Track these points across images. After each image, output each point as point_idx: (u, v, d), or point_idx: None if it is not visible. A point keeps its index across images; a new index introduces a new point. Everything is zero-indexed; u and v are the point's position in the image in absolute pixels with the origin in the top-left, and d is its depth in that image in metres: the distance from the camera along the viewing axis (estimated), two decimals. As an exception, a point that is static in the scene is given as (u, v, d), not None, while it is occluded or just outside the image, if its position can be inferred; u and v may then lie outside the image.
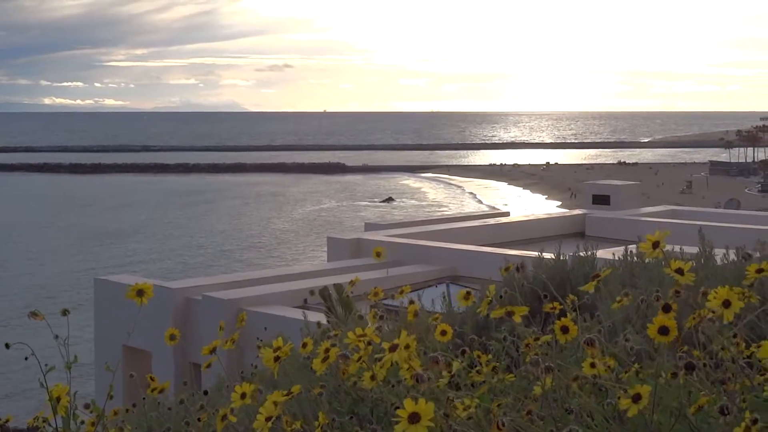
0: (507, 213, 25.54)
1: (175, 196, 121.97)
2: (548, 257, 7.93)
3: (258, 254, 75.97)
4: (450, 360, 3.25)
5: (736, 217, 21.56)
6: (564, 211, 27.94)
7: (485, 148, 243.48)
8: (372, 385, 3.16)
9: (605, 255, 8.64)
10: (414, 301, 5.56)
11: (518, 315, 3.45)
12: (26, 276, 65.99)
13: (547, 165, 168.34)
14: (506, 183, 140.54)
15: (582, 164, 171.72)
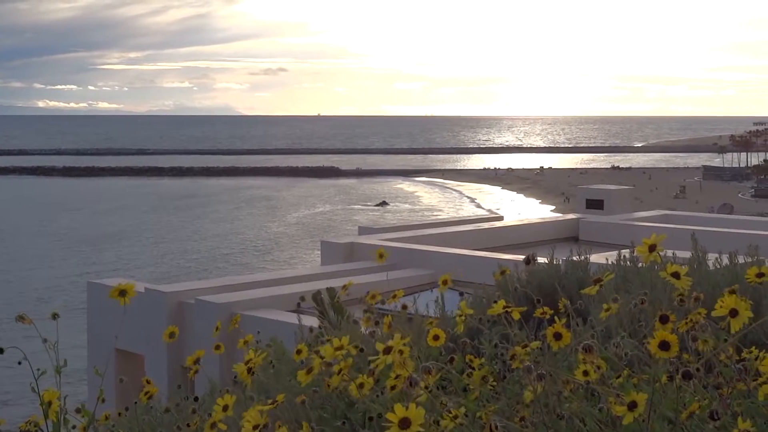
0: (501, 217, 25.55)
1: (169, 200, 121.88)
2: (542, 261, 7.93)
3: (252, 258, 75.93)
4: (441, 366, 3.24)
5: (730, 222, 21.56)
6: (557, 216, 27.92)
7: (479, 153, 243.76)
8: (359, 395, 3.13)
9: (599, 259, 8.62)
10: (407, 305, 5.57)
11: (516, 312, 3.44)
12: (19, 280, 65.86)
13: (541, 169, 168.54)
14: (500, 187, 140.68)
15: (576, 169, 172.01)
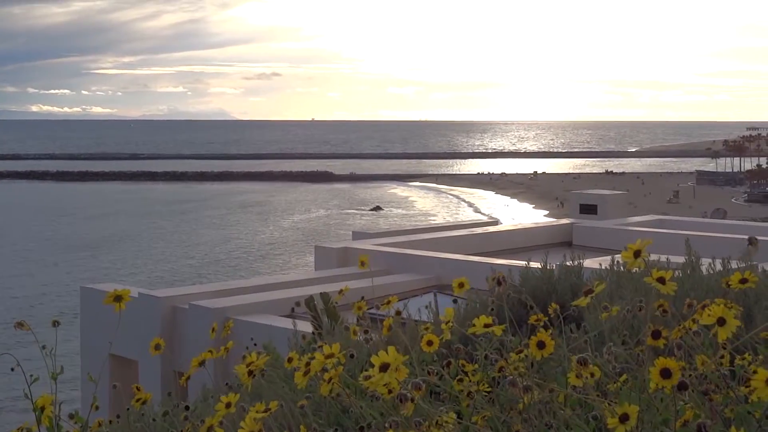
0: (495, 222, 25.55)
1: (163, 205, 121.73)
2: (535, 267, 7.94)
3: (245, 263, 75.85)
4: (430, 379, 3.23)
5: (723, 227, 21.60)
6: (551, 221, 27.98)
7: (473, 157, 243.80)
8: (352, 404, 3.13)
9: (592, 264, 8.66)
10: (401, 311, 5.57)
11: (498, 329, 3.43)
12: (11, 286, 65.69)
13: (535, 174, 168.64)
14: (494, 192, 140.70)
15: (569, 173, 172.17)
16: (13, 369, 3.59)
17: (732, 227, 21.59)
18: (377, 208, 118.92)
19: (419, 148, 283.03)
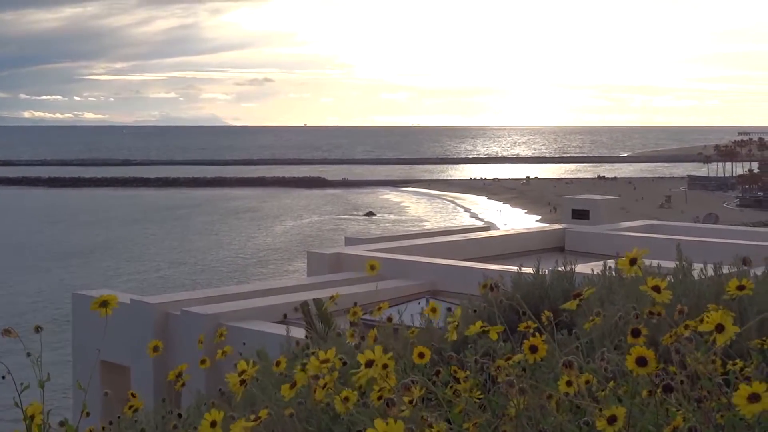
0: (487, 227, 25.56)
1: (155, 211, 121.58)
2: (527, 272, 7.95)
3: (238, 269, 75.78)
4: (424, 380, 3.23)
5: (715, 232, 21.64)
6: (544, 226, 27.98)
7: (466, 163, 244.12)
8: (344, 409, 3.13)
9: (584, 270, 8.65)
10: (393, 317, 5.57)
11: (494, 332, 3.44)
12: (4, 292, 65.54)
13: (527, 179, 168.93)
14: (486, 197, 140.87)
15: (562, 179, 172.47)
16: (4, 377, 3.57)
17: (724, 232, 21.63)
18: (370, 214, 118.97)
19: (412, 154, 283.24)
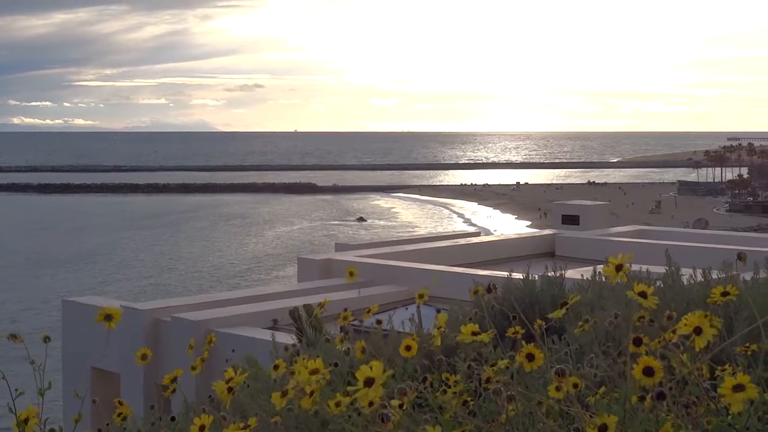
0: (478, 233, 25.57)
1: (145, 217, 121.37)
2: (517, 278, 7.95)
3: (228, 275, 75.67)
4: (415, 386, 3.23)
5: (704, 237, 21.70)
6: (534, 231, 28.03)
7: (456, 168, 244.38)
8: (337, 411, 3.12)
9: (574, 275, 8.66)
10: (382, 321, 5.57)
11: (486, 335, 3.44)
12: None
13: (518, 185, 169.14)
14: (477, 203, 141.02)
15: (552, 184, 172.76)
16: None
17: (713, 237, 21.69)
18: (360, 220, 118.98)
19: (402, 159, 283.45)
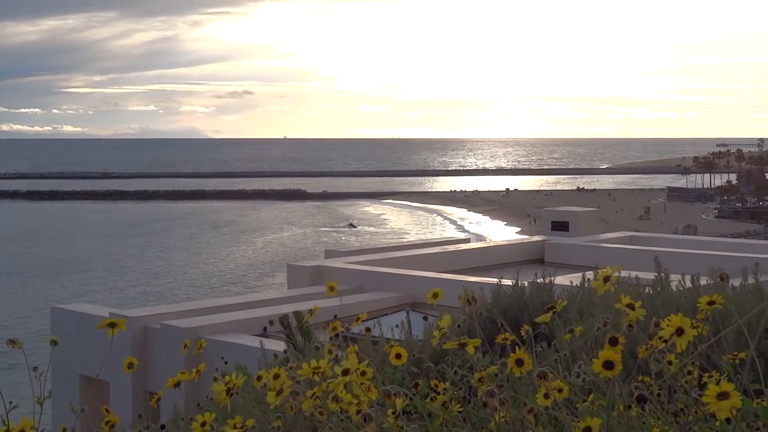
0: (467, 239, 25.59)
1: (135, 224, 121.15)
2: (507, 284, 7.96)
3: (218, 282, 75.57)
4: (403, 392, 3.23)
5: (693, 243, 21.75)
6: (523, 238, 28.03)
7: (446, 175, 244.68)
8: (336, 407, 3.13)
9: (563, 282, 8.68)
10: (371, 329, 5.57)
11: (471, 347, 3.45)
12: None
13: (507, 191, 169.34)
14: (466, 209, 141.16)
15: (541, 190, 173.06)
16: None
17: (702, 243, 21.74)
18: (350, 226, 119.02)
19: (392, 166, 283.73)
